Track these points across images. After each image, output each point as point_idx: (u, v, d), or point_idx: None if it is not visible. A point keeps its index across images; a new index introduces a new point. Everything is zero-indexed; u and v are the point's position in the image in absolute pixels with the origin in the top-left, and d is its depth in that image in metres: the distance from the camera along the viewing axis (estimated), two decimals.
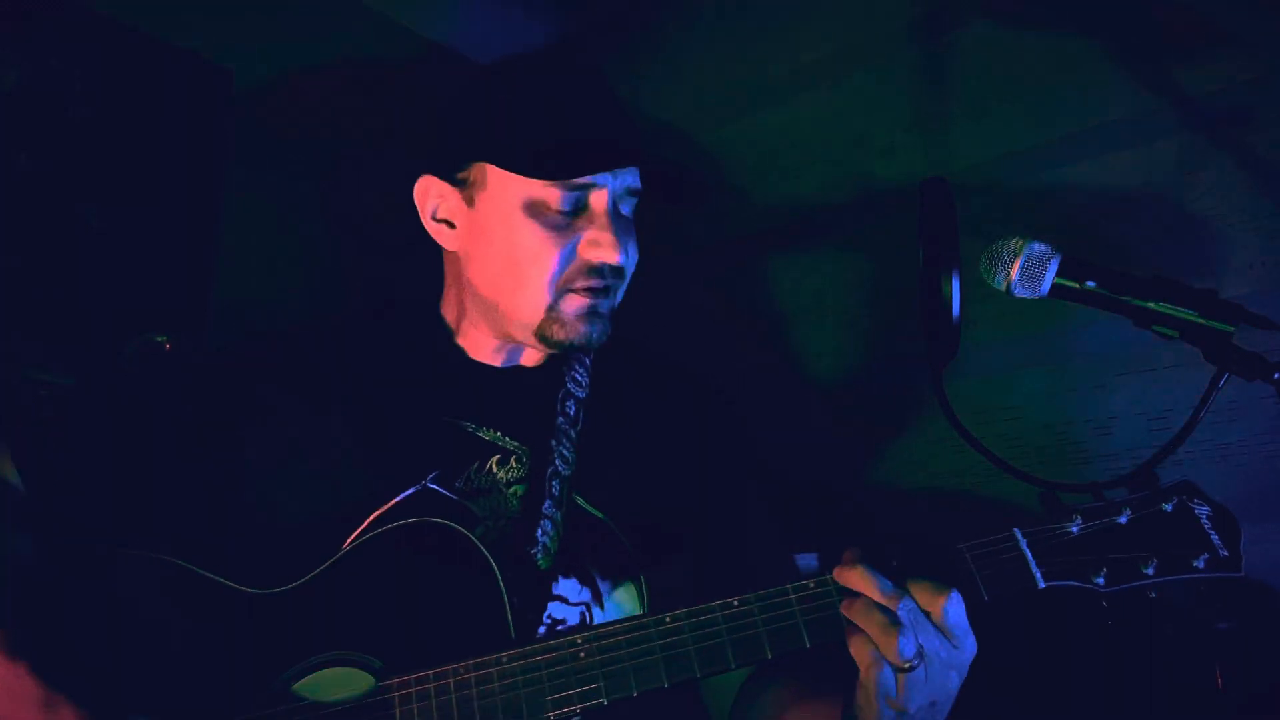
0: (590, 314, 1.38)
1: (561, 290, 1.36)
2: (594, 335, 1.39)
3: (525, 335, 1.41)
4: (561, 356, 1.51)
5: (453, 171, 1.42)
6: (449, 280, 1.52)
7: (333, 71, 2.38)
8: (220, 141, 2.11)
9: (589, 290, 1.36)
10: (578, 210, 1.35)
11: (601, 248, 1.34)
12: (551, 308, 1.37)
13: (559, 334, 1.38)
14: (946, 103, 2.07)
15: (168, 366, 1.57)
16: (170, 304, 2.01)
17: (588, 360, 1.54)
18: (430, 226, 1.46)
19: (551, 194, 1.33)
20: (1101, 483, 1.23)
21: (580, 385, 1.50)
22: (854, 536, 1.18)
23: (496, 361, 1.50)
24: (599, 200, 1.35)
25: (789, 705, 1.34)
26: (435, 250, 1.51)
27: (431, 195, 1.45)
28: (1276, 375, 1.16)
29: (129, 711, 1.15)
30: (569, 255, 1.35)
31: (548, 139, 1.35)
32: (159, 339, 1.93)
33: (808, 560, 2.06)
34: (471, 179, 1.40)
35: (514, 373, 1.50)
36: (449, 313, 1.52)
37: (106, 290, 1.92)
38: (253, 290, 2.24)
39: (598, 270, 1.36)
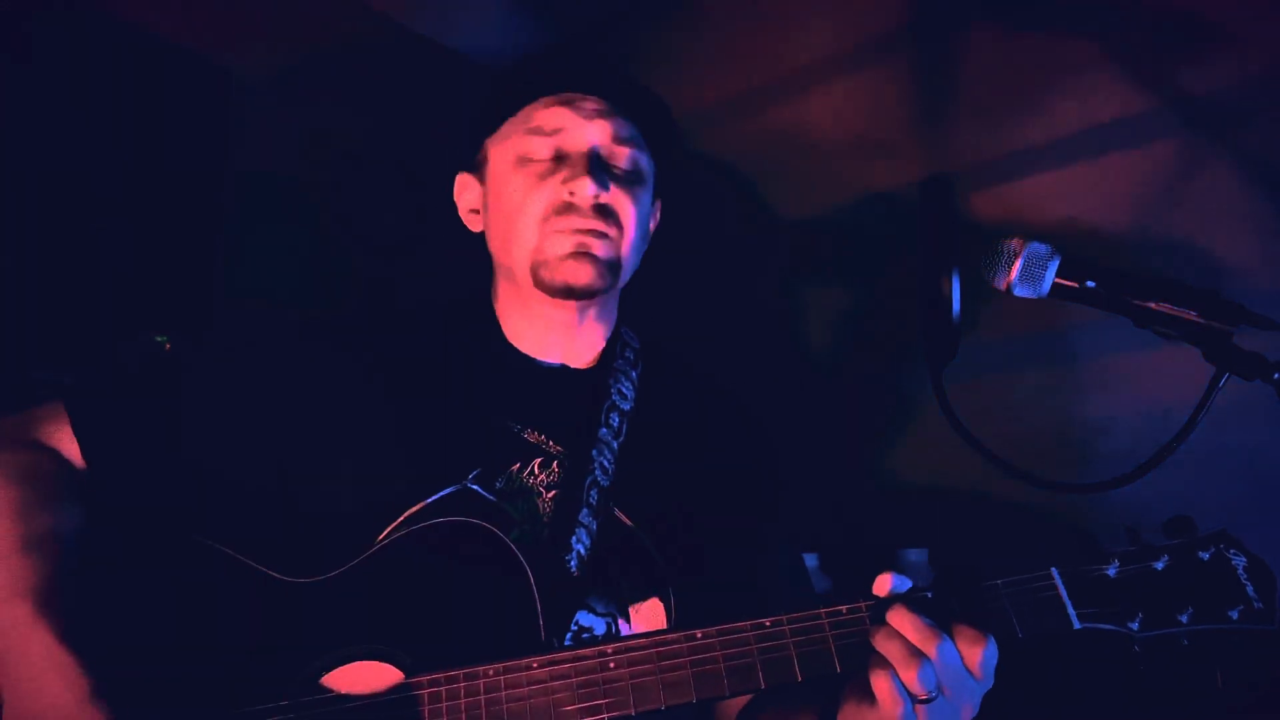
0: (577, 254, 1.39)
1: (547, 231, 1.40)
2: (583, 276, 1.39)
3: (531, 289, 1.44)
4: (609, 362, 1.53)
5: (471, 160, 1.52)
6: (493, 269, 1.56)
7: (333, 71, 2.38)
8: (220, 141, 2.12)
9: (573, 230, 1.39)
10: (559, 158, 1.42)
11: (572, 182, 1.38)
12: (539, 248, 1.41)
13: (548, 276, 1.40)
14: (946, 103, 2.07)
15: (211, 356, 1.56)
16: (170, 304, 2.01)
17: (634, 373, 1.55)
18: (465, 219, 1.55)
19: (532, 145, 1.42)
20: (1105, 483, 1.22)
21: (625, 398, 1.51)
22: (854, 536, 1.18)
23: (541, 354, 1.50)
24: (574, 142, 1.42)
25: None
26: (484, 246, 1.56)
27: (463, 190, 1.55)
28: (1276, 375, 1.16)
29: (161, 697, 1.15)
30: (549, 194, 1.40)
31: (507, 87, 1.46)
32: (159, 339, 1.93)
33: (808, 560, 2.06)
34: (481, 160, 1.50)
35: (564, 375, 1.51)
36: (497, 305, 1.54)
37: (107, 290, 1.93)
38: (253, 290, 2.24)
39: (575, 207, 1.39)
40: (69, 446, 1.32)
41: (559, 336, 1.50)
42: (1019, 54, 1.96)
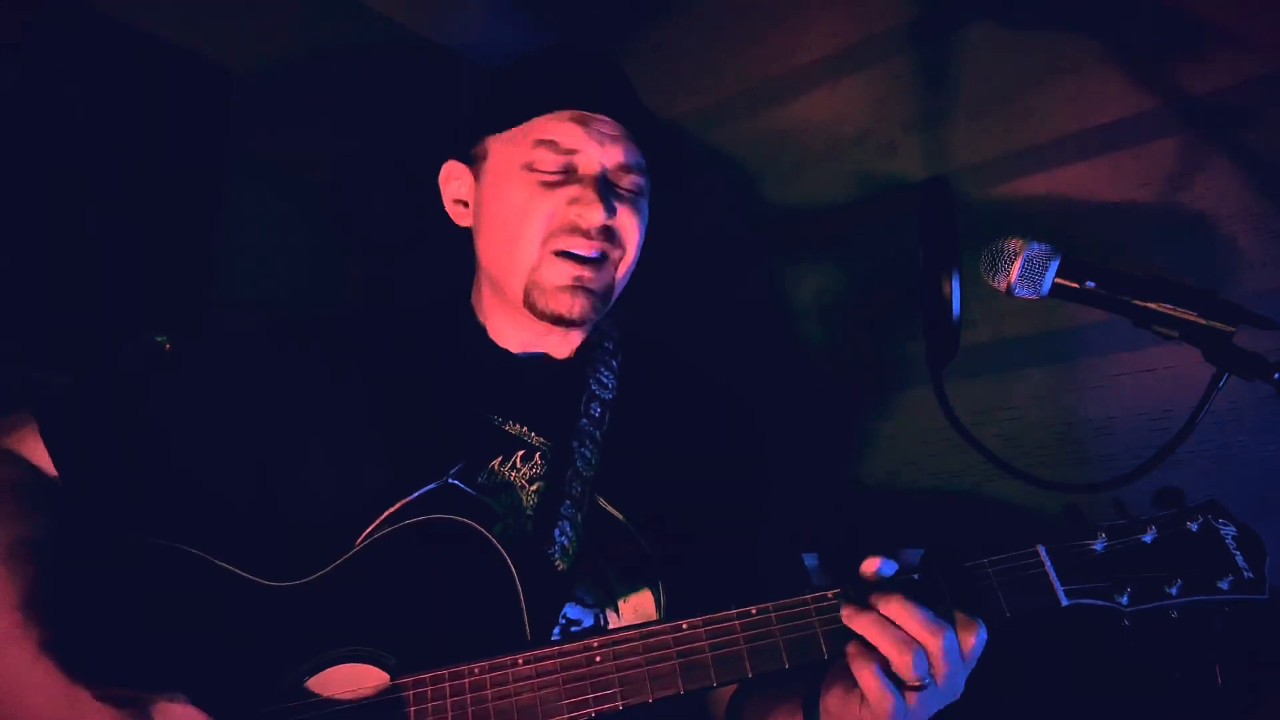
0: (574, 287, 1.38)
1: (547, 250, 1.38)
2: (576, 309, 1.38)
3: (519, 306, 1.42)
4: (588, 353, 1.52)
5: (466, 151, 1.48)
6: (476, 266, 1.54)
7: (333, 71, 2.38)
8: (219, 141, 2.11)
9: (573, 257, 1.37)
10: (568, 175, 1.38)
11: (581, 204, 1.36)
12: (536, 269, 1.38)
13: (541, 302, 1.39)
14: (946, 103, 2.07)
15: (182, 360, 1.56)
16: (170, 304, 2.01)
17: (614, 362, 1.54)
18: (450, 209, 1.52)
19: (542, 156, 1.37)
20: (1105, 483, 1.22)
21: (606, 387, 1.50)
22: (854, 537, 1.17)
23: (521, 348, 1.49)
24: (586, 163, 1.38)
25: (760, 708, 1.34)
26: (468, 242, 1.53)
27: (451, 178, 1.51)
28: (1276, 375, 1.16)
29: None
30: (554, 212, 1.38)
31: (522, 90, 1.41)
32: (159, 339, 1.93)
33: (808, 560, 2.06)
34: (479, 154, 1.46)
35: (543, 365, 1.50)
36: (478, 302, 1.53)
37: (106, 290, 1.92)
38: (253, 290, 2.24)
39: (582, 231, 1.37)
40: (40, 455, 1.31)
41: (540, 338, 1.49)
42: (1019, 54, 1.97)
